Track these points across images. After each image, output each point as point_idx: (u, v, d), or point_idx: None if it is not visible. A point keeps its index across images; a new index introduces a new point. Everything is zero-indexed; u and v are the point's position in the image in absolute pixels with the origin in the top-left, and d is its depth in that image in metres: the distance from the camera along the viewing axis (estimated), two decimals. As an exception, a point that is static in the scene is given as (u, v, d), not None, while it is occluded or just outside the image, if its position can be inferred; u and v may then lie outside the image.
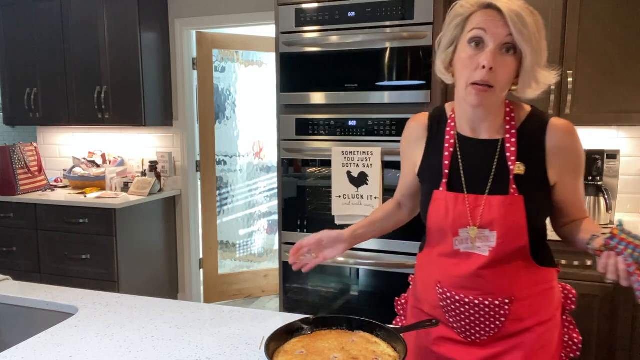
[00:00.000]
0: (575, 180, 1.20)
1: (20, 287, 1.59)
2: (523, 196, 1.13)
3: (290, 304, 2.87)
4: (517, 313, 1.17)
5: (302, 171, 2.77)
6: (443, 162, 1.21)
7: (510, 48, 1.07)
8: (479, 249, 1.15)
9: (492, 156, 1.17)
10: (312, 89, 2.68)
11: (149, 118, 3.59)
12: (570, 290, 1.31)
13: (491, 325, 1.18)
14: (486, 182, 1.16)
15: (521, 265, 1.17)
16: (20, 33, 3.76)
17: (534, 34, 1.07)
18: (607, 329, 2.32)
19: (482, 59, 1.07)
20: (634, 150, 2.76)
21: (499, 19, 1.06)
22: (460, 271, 1.18)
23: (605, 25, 2.43)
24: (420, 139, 1.29)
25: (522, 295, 1.17)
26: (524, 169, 1.14)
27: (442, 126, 1.25)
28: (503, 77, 1.09)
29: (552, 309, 1.23)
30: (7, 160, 3.56)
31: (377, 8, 2.51)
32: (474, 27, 1.09)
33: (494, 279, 1.16)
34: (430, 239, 1.26)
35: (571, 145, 1.17)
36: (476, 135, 1.20)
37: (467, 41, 1.10)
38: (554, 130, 1.16)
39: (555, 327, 1.23)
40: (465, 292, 1.18)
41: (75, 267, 3.46)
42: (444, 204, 1.19)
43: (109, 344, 1.21)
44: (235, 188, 4.07)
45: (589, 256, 2.31)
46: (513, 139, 1.16)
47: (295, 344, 1.09)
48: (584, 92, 2.50)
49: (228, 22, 3.63)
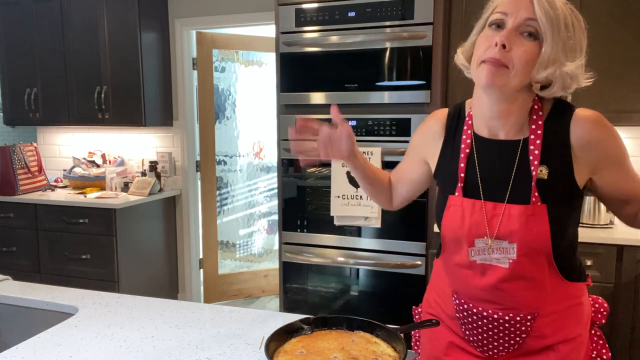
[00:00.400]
0: (620, 169, 1.06)
1: (20, 287, 1.59)
2: (546, 205, 1.03)
3: (290, 304, 2.87)
4: (540, 330, 1.08)
5: (302, 171, 2.77)
6: (459, 165, 1.12)
7: (532, 33, 0.98)
8: (498, 261, 1.06)
9: (512, 159, 1.07)
10: (312, 89, 2.68)
11: (149, 118, 3.59)
12: (602, 303, 1.19)
13: (510, 341, 1.10)
14: (505, 188, 1.06)
15: (546, 279, 1.06)
16: (20, 33, 3.76)
17: (562, 21, 0.97)
18: (607, 329, 2.32)
19: (496, 37, 0.98)
20: (634, 150, 2.76)
21: (527, 1, 0.98)
22: (479, 283, 1.09)
23: (605, 25, 2.43)
24: (437, 138, 1.20)
25: (547, 311, 1.07)
26: (546, 172, 1.04)
27: (460, 125, 1.16)
28: (519, 60, 0.97)
29: (579, 326, 1.11)
30: (7, 160, 3.56)
31: (377, 8, 2.51)
32: (496, 10, 1.02)
33: (516, 293, 1.06)
34: (445, 247, 1.17)
35: (601, 137, 1.04)
36: (493, 135, 1.10)
37: (488, 24, 1.03)
38: (579, 123, 1.04)
39: (582, 346, 1.12)
40: (484, 305, 1.09)
41: (75, 267, 3.46)
42: (460, 210, 1.10)
43: (109, 344, 1.21)
44: (235, 188, 4.07)
45: (588, 256, 2.31)
46: (538, 140, 1.05)
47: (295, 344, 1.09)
48: (584, 92, 2.49)
49: (228, 22, 3.63)
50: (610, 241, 2.28)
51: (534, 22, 0.97)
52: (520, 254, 1.04)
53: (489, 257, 1.07)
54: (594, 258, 2.31)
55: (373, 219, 2.59)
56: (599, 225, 2.48)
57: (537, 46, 0.98)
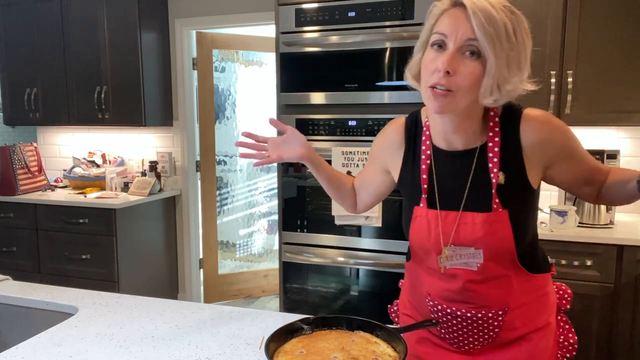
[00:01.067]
0: (574, 159, 1.09)
1: (20, 287, 1.59)
2: (507, 210, 1.05)
3: (290, 304, 2.87)
4: (511, 322, 1.14)
5: (302, 171, 2.77)
6: (421, 177, 1.14)
7: (474, 52, 0.96)
8: (466, 265, 1.09)
9: (468, 169, 1.09)
10: (312, 89, 2.68)
11: (149, 118, 3.59)
12: (566, 289, 1.26)
13: (485, 335, 1.15)
14: (467, 196, 1.09)
15: (513, 276, 1.11)
16: (20, 33, 3.76)
17: (504, 34, 0.95)
18: (607, 329, 2.32)
19: (439, 62, 0.98)
20: (634, 150, 2.76)
21: (463, 18, 0.96)
22: (450, 286, 1.13)
23: (605, 25, 2.43)
24: (398, 148, 1.22)
25: (516, 304, 1.13)
26: (504, 177, 1.06)
27: (419, 135, 1.18)
28: (463, 82, 0.97)
29: (546, 314, 1.18)
30: (7, 160, 3.56)
31: (377, 8, 2.51)
32: (436, 30, 1.00)
33: (486, 292, 1.11)
34: (414, 254, 1.21)
35: (549, 136, 1.06)
36: (450, 147, 1.11)
37: (430, 44, 1.01)
38: (528, 125, 1.06)
39: (551, 332, 1.19)
40: (457, 305, 1.13)
41: (75, 267, 3.46)
42: (425, 222, 1.13)
43: (109, 344, 1.21)
44: (235, 188, 4.07)
45: (589, 256, 2.31)
46: (496, 147, 1.07)
47: (295, 344, 1.09)
48: (584, 92, 2.50)
49: (228, 22, 3.63)
50: (610, 241, 2.28)
51: (474, 42, 0.96)
52: (486, 258, 1.08)
53: (458, 263, 1.10)
54: (594, 258, 2.31)
55: (374, 218, 2.59)
56: (599, 225, 2.48)
57: (481, 64, 0.97)
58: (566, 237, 2.34)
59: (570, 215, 2.41)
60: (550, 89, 2.51)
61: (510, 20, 0.97)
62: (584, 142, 1.34)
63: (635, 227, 2.46)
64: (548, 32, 2.50)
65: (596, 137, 2.79)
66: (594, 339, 2.35)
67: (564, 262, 2.34)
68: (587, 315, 2.34)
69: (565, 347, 1.23)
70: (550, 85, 2.51)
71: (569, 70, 2.49)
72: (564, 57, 2.50)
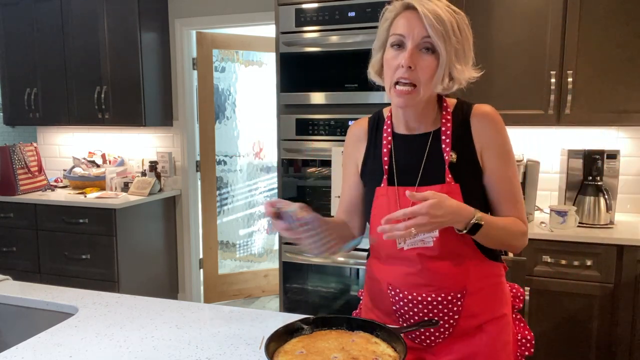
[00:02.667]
0: (502, 168, 1.20)
1: (20, 287, 1.59)
2: (459, 184, 1.16)
3: (290, 304, 2.87)
4: (470, 309, 1.19)
5: (302, 171, 2.77)
6: (382, 159, 1.25)
7: (429, 48, 1.11)
8: (423, 243, 1.16)
9: (424, 148, 1.21)
10: (312, 89, 2.68)
11: (149, 118, 3.59)
12: (519, 289, 1.35)
13: (445, 324, 1.19)
14: (417, 173, 1.20)
15: (470, 257, 1.18)
16: (20, 33, 3.76)
17: (451, 31, 1.10)
18: (607, 329, 2.32)
19: (400, 59, 1.12)
20: (634, 150, 2.76)
21: (417, 19, 1.10)
22: (410, 268, 1.19)
23: (605, 25, 2.43)
24: (361, 140, 1.32)
25: (474, 288, 1.19)
26: (455, 156, 1.18)
27: (380, 126, 1.29)
28: (424, 75, 1.12)
29: (502, 304, 1.24)
30: (7, 160, 3.56)
31: (377, 8, 2.51)
32: (394, 32, 1.14)
33: (443, 271, 1.17)
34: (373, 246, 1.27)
35: (490, 128, 1.19)
36: (412, 132, 1.24)
37: (390, 44, 1.15)
38: (476, 115, 1.20)
39: (509, 326, 1.25)
40: (418, 289, 1.18)
41: (75, 267, 3.46)
42: (385, 200, 1.21)
43: (109, 344, 1.21)
44: (235, 188, 4.07)
45: (589, 256, 2.31)
46: (448, 131, 1.20)
47: (295, 344, 1.09)
48: (584, 92, 2.50)
49: (228, 22, 3.63)
50: (610, 241, 2.28)
51: (429, 39, 1.11)
52: (442, 231, 1.14)
53: (415, 241, 1.17)
54: (594, 258, 2.31)
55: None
56: (599, 225, 2.48)
57: (436, 58, 1.12)
58: (566, 237, 2.34)
59: (570, 215, 2.41)
60: (550, 89, 2.51)
61: (455, 18, 1.12)
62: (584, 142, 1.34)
63: (635, 227, 2.46)
64: (548, 32, 2.50)
65: (596, 137, 2.79)
66: (594, 339, 2.35)
67: (564, 262, 2.34)
68: (587, 315, 2.34)
69: (524, 345, 1.29)
70: (550, 85, 2.50)
71: (569, 70, 2.49)
72: (564, 57, 2.50)
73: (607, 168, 2.54)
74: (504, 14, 2.56)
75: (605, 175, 2.55)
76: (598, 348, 2.35)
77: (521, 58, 2.54)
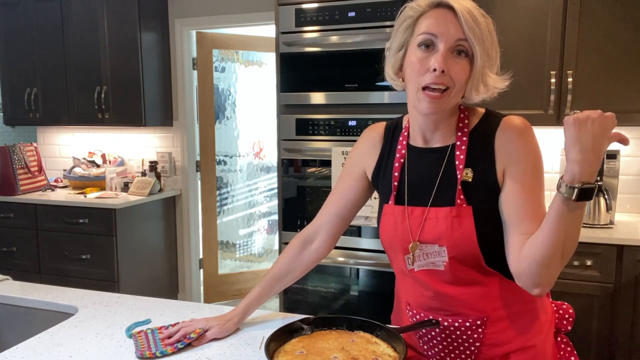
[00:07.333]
0: (523, 188, 1.02)
1: (20, 287, 1.59)
2: (471, 206, 1.04)
3: (290, 304, 2.87)
4: (494, 337, 1.07)
5: (302, 171, 2.77)
6: (393, 174, 1.15)
7: (462, 51, 1.01)
8: (434, 265, 1.07)
9: (440, 164, 1.09)
10: (312, 89, 2.68)
11: (149, 118, 3.59)
12: (567, 309, 1.18)
13: (466, 351, 1.10)
14: (430, 192, 1.09)
15: (491, 284, 1.06)
16: (20, 33, 3.76)
17: (485, 35, 1.01)
18: (607, 329, 2.32)
19: (432, 62, 1.00)
20: (634, 150, 2.76)
21: (451, 19, 1.00)
22: (423, 291, 1.10)
23: (605, 25, 2.43)
24: (375, 146, 1.22)
25: (497, 316, 1.07)
26: (471, 175, 1.06)
27: (397, 136, 1.19)
28: (457, 78, 1.01)
29: (536, 333, 1.10)
30: (7, 160, 3.56)
31: (377, 8, 2.52)
32: (423, 31, 1.02)
33: (459, 297, 1.07)
34: (388, 257, 1.19)
35: (518, 141, 1.03)
36: (428, 144, 1.13)
37: (417, 44, 1.03)
38: (504, 128, 1.05)
39: (541, 357, 1.10)
40: (434, 313, 1.10)
41: (75, 267, 3.46)
42: (392, 219, 1.12)
43: (109, 344, 1.21)
44: (235, 188, 4.07)
45: (589, 256, 2.31)
46: (464, 146, 1.08)
47: (295, 344, 1.09)
48: (584, 92, 2.50)
49: (228, 22, 3.63)
50: (610, 241, 2.28)
51: (464, 42, 1.00)
52: (450, 255, 1.05)
53: (425, 262, 1.08)
54: (594, 258, 2.31)
55: (374, 219, 2.59)
56: (599, 225, 2.48)
57: (469, 62, 1.02)
58: (566, 237, 2.34)
59: (570, 215, 2.41)
60: (550, 89, 2.51)
61: (486, 22, 1.02)
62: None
63: (635, 227, 2.46)
64: (548, 32, 2.50)
65: (596, 137, 2.79)
66: (594, 339, 2.35)
67: (564, 262, 2.34)
68: (587, 315, 2.34)
69: None
70: (550, 85, 2.51)
71: (569, 70, 2.49)
72: (564, 57, 2.50)
73: (607, 168, 2.54)
74: (504, 14, 2.56)
75: (605, 175, 2.55)
76: (598, 348, 2.35)
77: (521, 58, 2.54)
